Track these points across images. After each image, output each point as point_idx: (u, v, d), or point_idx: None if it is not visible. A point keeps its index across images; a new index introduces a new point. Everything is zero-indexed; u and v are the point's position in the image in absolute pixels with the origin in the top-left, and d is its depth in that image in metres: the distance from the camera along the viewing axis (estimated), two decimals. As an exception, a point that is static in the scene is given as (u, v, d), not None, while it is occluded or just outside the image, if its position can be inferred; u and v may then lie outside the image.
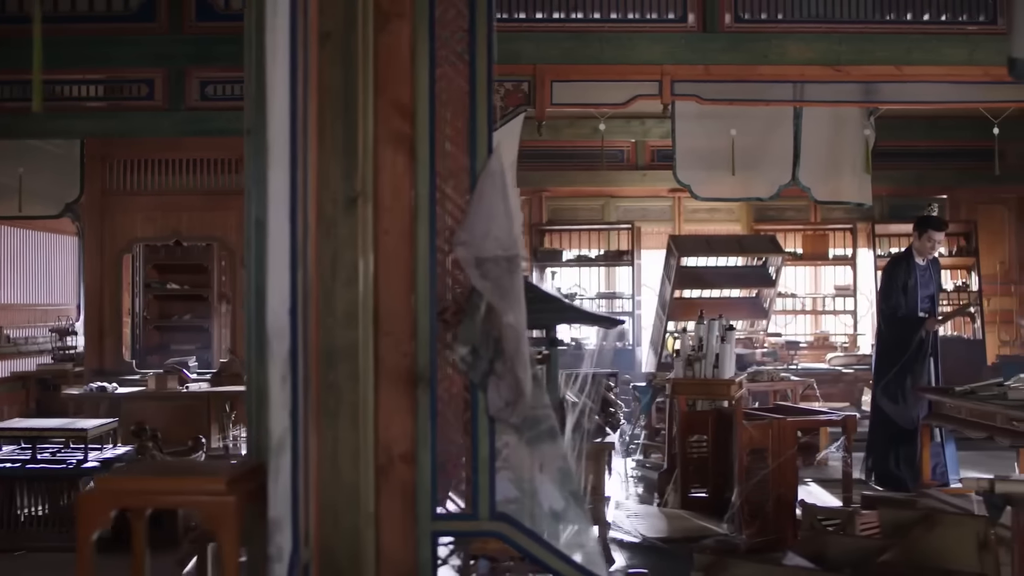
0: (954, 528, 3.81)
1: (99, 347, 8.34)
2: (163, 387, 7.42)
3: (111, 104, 8.07)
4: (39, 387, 9.64)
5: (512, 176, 8.75)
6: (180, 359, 8.31)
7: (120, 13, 7.67)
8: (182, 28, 7.38)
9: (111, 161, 8.48)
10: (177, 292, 9.39)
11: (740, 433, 5.26)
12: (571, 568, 2.99)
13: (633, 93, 8.32)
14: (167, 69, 7.63)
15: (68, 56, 7.51)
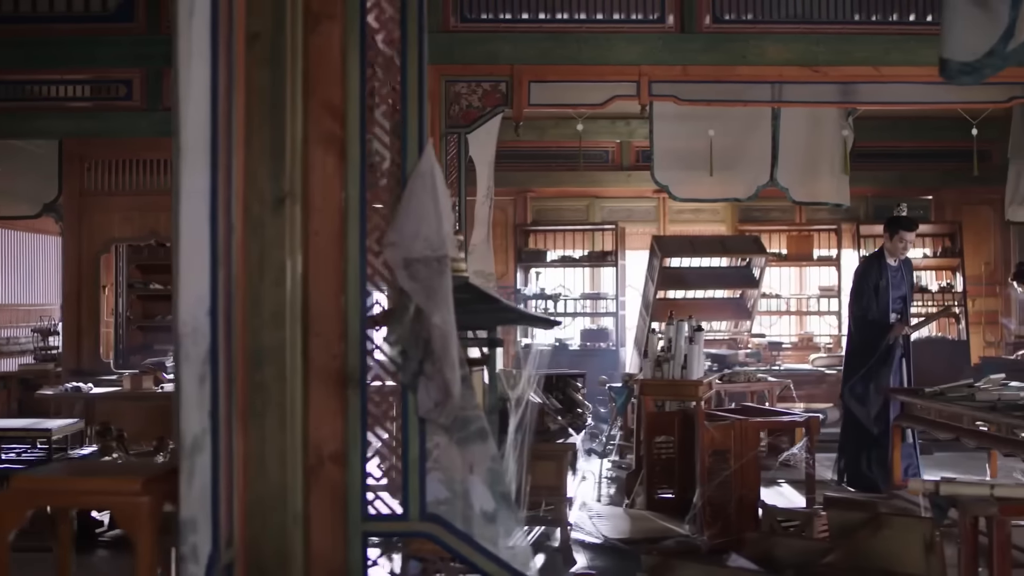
0: (901, 530, 3.81)
1: (77, 347, 8.35)
2: (138, 387, 7.42)
3: (90, 104, 8.10)
4: (21, 387, 9.66)
5: (491, 176, 8.79)
6: (159, 359, 8.31)
7: (98, 13, 7.68)
8: (160, 28, 7.39)
9: (89, 161, 8.49)
10: (160, 292, 9.39)
11: (702, 434, 5.26)
12: (501, 569, 2.99)
13: (611, 94, 8.32)
14: (145, 69, 7.66)
15: (46, 56, 7.53)
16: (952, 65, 3.95)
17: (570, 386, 6.29)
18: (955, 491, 3.65)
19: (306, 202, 3.00)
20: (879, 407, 6.81)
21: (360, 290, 3.01)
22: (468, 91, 8.23)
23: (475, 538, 3.01)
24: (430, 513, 3.01)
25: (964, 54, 3.90)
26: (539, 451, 5.21)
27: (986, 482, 3.73)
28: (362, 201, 3.02)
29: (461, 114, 8.21)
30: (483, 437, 3.00)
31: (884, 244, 7.16)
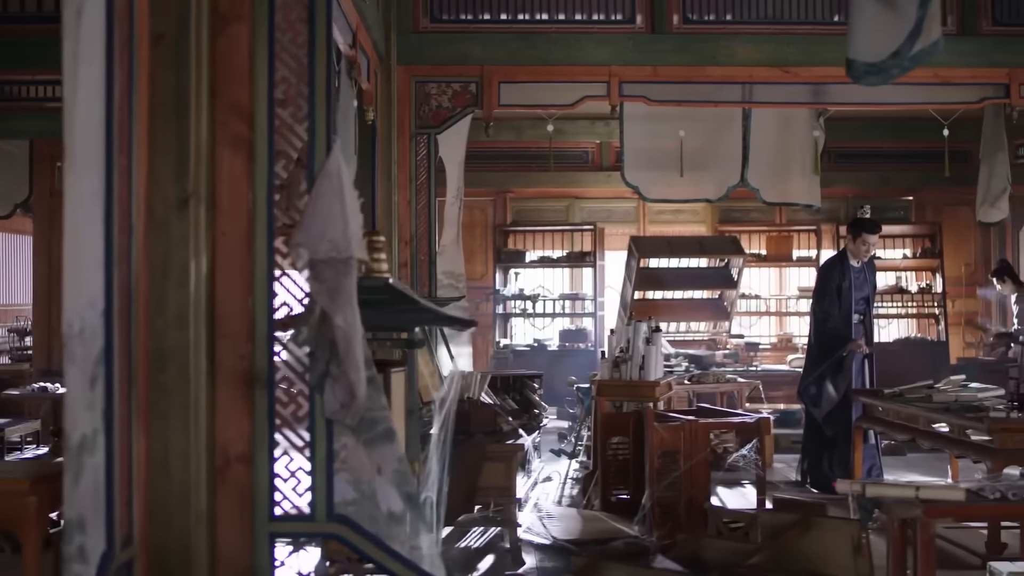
0: (830, 532, 3.81)
1: (47, 347, 8.37)
2: (105, 387, 7.41)
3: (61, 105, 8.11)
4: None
5: (461, 177, 8.80)
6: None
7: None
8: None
9: (60, 160, 8.49)
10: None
11: (651, 435, 5.25)
12: (407, 569, 2.99)
13: (581, 94, 8.32)
14: (115, 69, 7.64)
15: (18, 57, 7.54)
16: (858, 66, 3.94)
17: (527, 387, 6.30)
18: (880, 493, 3.64)
19: (214, 203, 3.01)
20: (831, 409, 6.79)
21: (268, 291, 3.02)
22: (438, 92, 8.24)
23: (382, 539, 3.01)
24: (338, 514, 3.01)
25: (870, 55, 3.90)
26: (489, 452, 5.23)
27: (912, 484, 3.71)
28: (269, 202, 3.02)
29: (431, 115, 8.23)
30: (390, 438, 3.00)
31: (847, 245, 7.13)
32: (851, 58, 4.03)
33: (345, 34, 6.51)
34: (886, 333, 11.77)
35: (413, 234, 8.12)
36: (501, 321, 11.42)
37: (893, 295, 11.52)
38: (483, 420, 5.39)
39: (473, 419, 5.36)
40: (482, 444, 5.18)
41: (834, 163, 11.88)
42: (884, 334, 11.76)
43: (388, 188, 8.02)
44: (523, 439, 5.37)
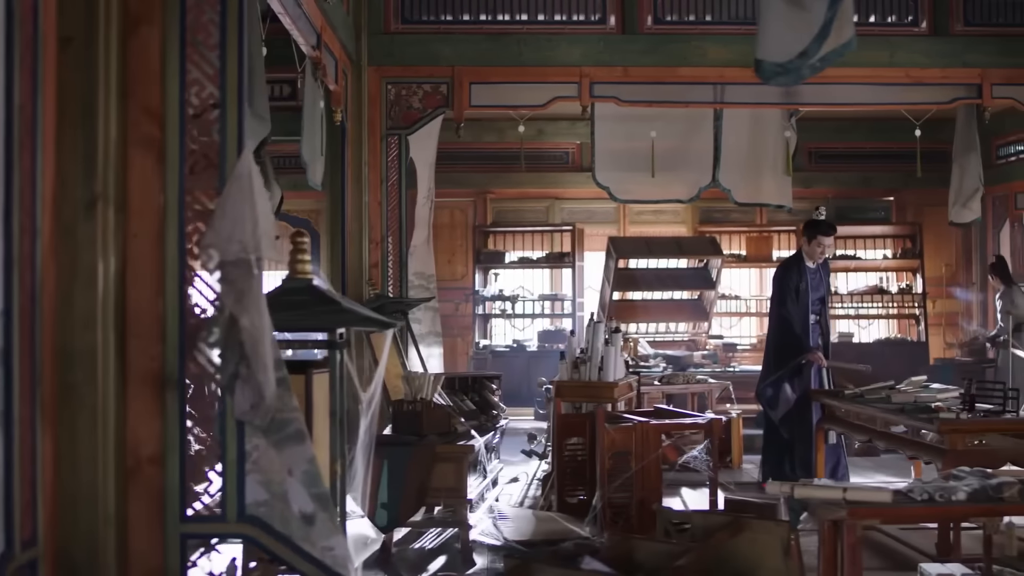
0: (760, 533, 3.80)
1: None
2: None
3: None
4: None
5: (431, 178, 8.79)
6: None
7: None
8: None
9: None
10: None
11: (602, 436, 5.25)
12: (317, 570, 3.00)
13: (552, 95, 8.33)
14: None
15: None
16: (766, 66, 3.93)
17: (486, 388, 6.30)
18: (808, 494, 3.64)
19: (125, 204, 3.02)
20: (787, 411, 6.77)
21: (179, 292, 3.02)
22: (409, 93, 8.26)
23: (294, 540, 3.02)
24: (249, 515, 3.02)
25: (778, 55, 3.89)
26: (439, 453, 5.23)
27: (839, 485, 3.71)
28: (181, 204, 3.03)
29: (402, 115, 8.24)
30: (300, 439, 3.00)
31: (803, 247, 7.09)
32: (759, 58, 4.02)
33: (308, 36, 6.53)
34: (866, 334, 11.76)
35: (384, 235, 8.13)
36: (481, 322, 11.42)
37: (873, 295, 11.50)
38: (436, 421, 5.39)
39: (425, 420, 5.35)
40: (432, 445, 5.18)
41: (815, 164, 11.88)
42: (864, 335, 11.76)
43: (359, 189, 8.03)
44: (475, 440, 5.37)
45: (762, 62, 3.99)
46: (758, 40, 4.08)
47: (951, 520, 4.34)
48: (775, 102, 8.53)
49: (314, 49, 6.63)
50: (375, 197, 8.10)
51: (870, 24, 8.47)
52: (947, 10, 8.42)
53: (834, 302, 11.57)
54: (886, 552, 5.37)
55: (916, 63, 8.38)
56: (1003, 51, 8.35)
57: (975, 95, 8.42)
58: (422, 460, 5.17)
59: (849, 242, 11.68)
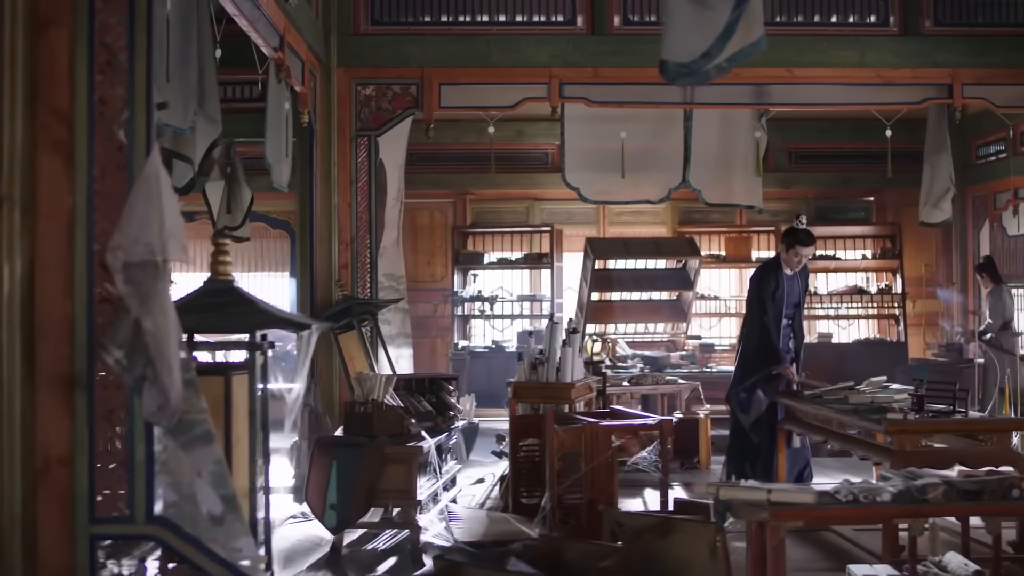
0: (689, 535, 3.80)
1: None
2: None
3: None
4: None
5: (401, 179, 8.78)
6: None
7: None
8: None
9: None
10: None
11: (551, 437, 5.25)
12: (225, 570, 3.00)
13: (521, 96, 8.33)
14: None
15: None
16: (670, 67, 3.92)
17: (443, 389, 6.30)
18: (732, 495, 3.63)
19: (33, 206, 3.03)
20: (759, 415, 6.76)
21: (88, 294, 3.03)
22: (378, 94, 8.26)
23: (202, 540, 3.02)
24: (157, 516, 3.03)
25: (681, 55, 3.88)
26: (388, 454, 5.23)
27: (764, 487, 3.70)
28: (90, 206, 3.04)
29: (371, 117, 8.25)
30: (208, 440, 3.01)
31: (780, 254, 7.05)
32: (663, 59, 4.02)
33: (270, 38, 6.54)
34: (846, 334, 11.74)
35: (354, 236, 8.14)
36: (460, 323, 11.42)
37: (853, 296, 11.48)
38: (387, 423, 5.39)
39: (376, 422, 5.35)
40: (381, 446, 5.18)
41: (795, 164, 11.86)
42: (844, 335, 11.74)
43: (328, 190, 8.04)
44: (426, 442, 5.36)
45: (666, 62, 3.99)
46: (663, 40, 4.07)
47: (877, 521, 4.33)
48: (745, 103, 8.54)
49: (276, 51, 6.64)
50: (345, 198, 8.11)
51: (840, 24, 8.47)
52: (917, 10, 8.41)
53: (814, 302, 11.56)
54: (840, 554, 5.37)
55: (886, 63, 8.38)
56: (973, 51, 8.34)
57: (946, 95, 8.40)
58: (371, 461, 5.17)
59: (829, 242, 11.66)
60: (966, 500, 3.65)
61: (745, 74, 8.37)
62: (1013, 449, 5.15)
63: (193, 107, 5.13)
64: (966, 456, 5.13)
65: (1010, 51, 8.34)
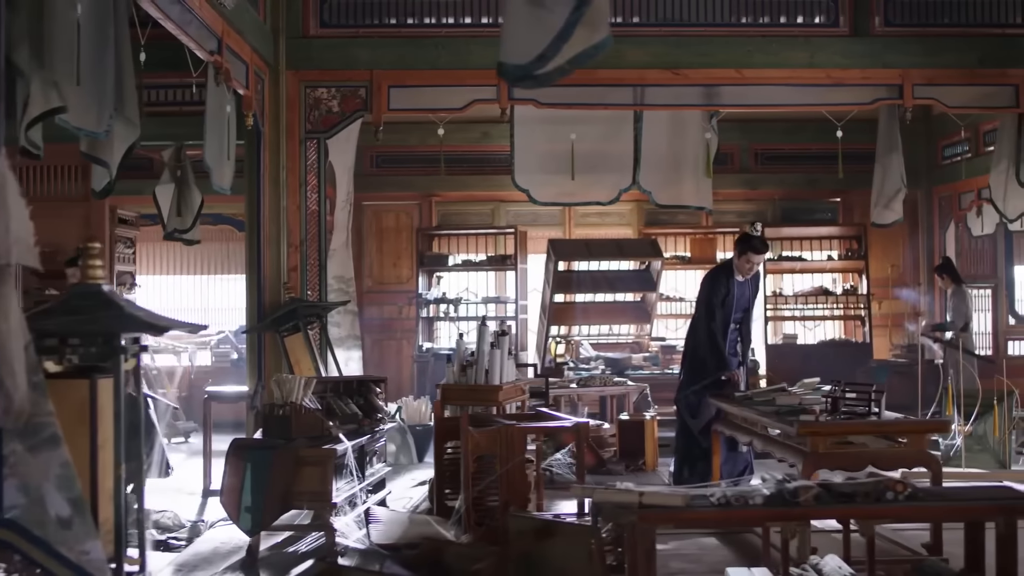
0: (568, 537, 3.80)
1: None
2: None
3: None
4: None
5: (350, 181, 8.80)
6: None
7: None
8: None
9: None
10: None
11: (466, 440, 5.25)
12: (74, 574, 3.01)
13: (471, 98, 8.33)
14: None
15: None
16: (507, 69, 3.92)
17: (370, 391, 6.31)
18: (605, 498, 3.64)
19: None
20: (708, 421, 6.75)
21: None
22: (328, 96, 8.28)
23: (51, 544, 3.03)
24: (7, 519, 3.03)
25: (518, 57, 3.87)
26: (303, 456, 5.24)
27: (637, 489, 3.69)
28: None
29: (321, 119, 8.26)
30: (55, 444, 3.02)
31: (733, 259, 7.02)
32: (500, 61, 4.01)
33: (206, 41, 6.55)
34: (812, 335, 11.72)
35: (303, 238, 8.15)
36: (425, 325, 11.43)
37: (818, 297, 11.46)
38: (306, 425, 5.40)
39: (295, 424, 5.37)
40: (295, 449, 5.19)
41: (761, 165, 11.85)
42: (810, 336, 11.72)
43: (277, 193, 8.06)
44: (342, 444, 5.37)
45: (503, 64, 3.98)
46: (501, 42, 4.06)
47: (748, 525, 4.32)
48: (695, 104, 8.53)
49: (211, 54, 6.65)
50: (294, 201, 8.12)
51: (790, 25, 8.45)
52: (867, 11, 8.39)
53: (779, 303, 11.55)
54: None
55: (836, 64, 8.36)
56: (923, 51, 8.32)
57: (896, 95, 8.38)
58: (284, 464, 5.18)
59: (795, 243, 11.65)
60: (840, 503, 3.64)
61: (695, 75, 8.38)
62: (927, 451, 5.13)
63: (109, 111, 5.13)
64: (879, 458, 5.13)
65: (960, 52, 8.33)
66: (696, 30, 8.35)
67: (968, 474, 7.30)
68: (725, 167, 11.77)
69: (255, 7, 7.76)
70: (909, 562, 4.03)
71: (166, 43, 6.23)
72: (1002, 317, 11.44)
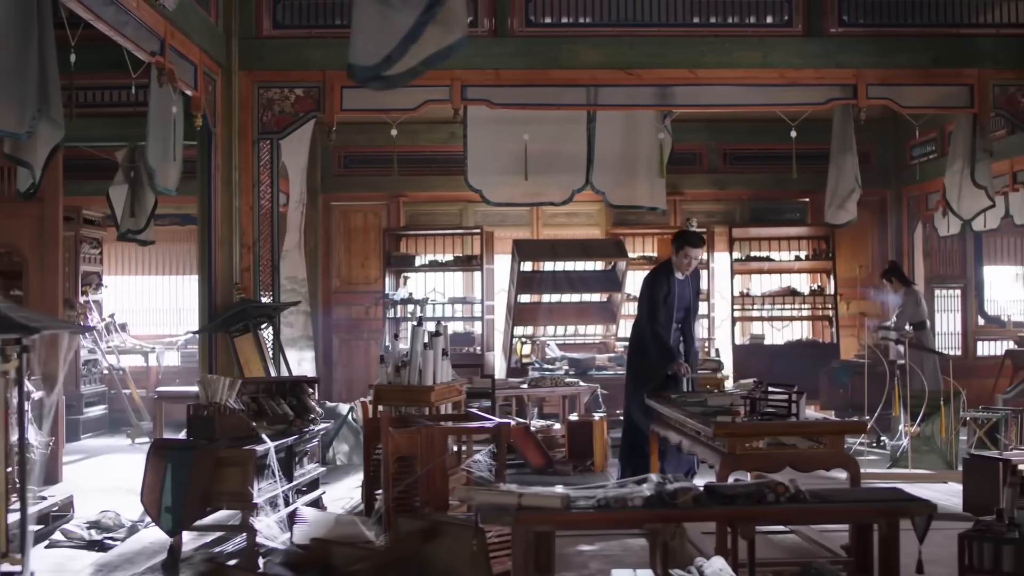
0: (453, 538, 3.80)
1: None
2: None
3: None
4: None
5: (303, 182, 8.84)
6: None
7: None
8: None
9: None
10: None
11: (386, 440, 5.25)
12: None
13: (424, 98, 8.32)
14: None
15: None
16: (356, 70, 3.92)
17: (303, 392, 6.32)
18: (486, 499, 3.63)
19: None
20: None
21: None
22: (281, 97, 8.28)
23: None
24: None
25: (366, 58, 3.86)
26: (222, 457, 5.25)
27: (517, 491, 3.69)
28: None
29: (274, 120, 8.27)
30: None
31: (671, 256, 7.02)
32: (350, 62, 4.00)
33: (147, 42, 6.56)
34: (780, 335, 11.70)
35: (256, 239, 8.16)
36: (392, 325, 11.41)
37: (785, 297, 11.44)
38: (230, 426, 5.41)
39: (218, 424, 5.38)
40: (214, 449, 5.20)
41: (729, 165, 11.83)
42: (778, 336, 11.70)
43: (229, 193, 8.07)
44: (264, 444, 5.37)
45: (353, 66, 3.97)
46: (350, 43, 4.05)
47: (626, 526, 4.31)
48: (648, 104, 8.52)
49: (152, 56, 6.66)
50: (247, 201, 8.13)
51: (744, 25, 8.44)
52: (821, 11, 8.36)
53: (747, 304, 11.53)
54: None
55: (790, 64, 8.34)
56: (877, 51, 8.29)
57: (850, 95, 8.36)
58: (204, 464, 5.19)
59: (764, 244, 11.63)
60: (720, 505, 3.63)
61: (648, 76, 8.37)
62: (845, 451, 5.12)
63: (31, 112, 5.14)
64: (796, 459, 5.12)
65: (915, 51, 8.30)
66: (649, 30, 8.34)
67: (914, 475, 7.29)
68: (693, 167, 11.79)
69: (206, 8, 7.77)
70: (798, 564, 4.01)
71: (116, 44, 6.25)
72: (971, 317, 11.43)
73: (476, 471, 5.25)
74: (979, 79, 8.27)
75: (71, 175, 9.75)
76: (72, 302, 10.19)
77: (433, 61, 3.91)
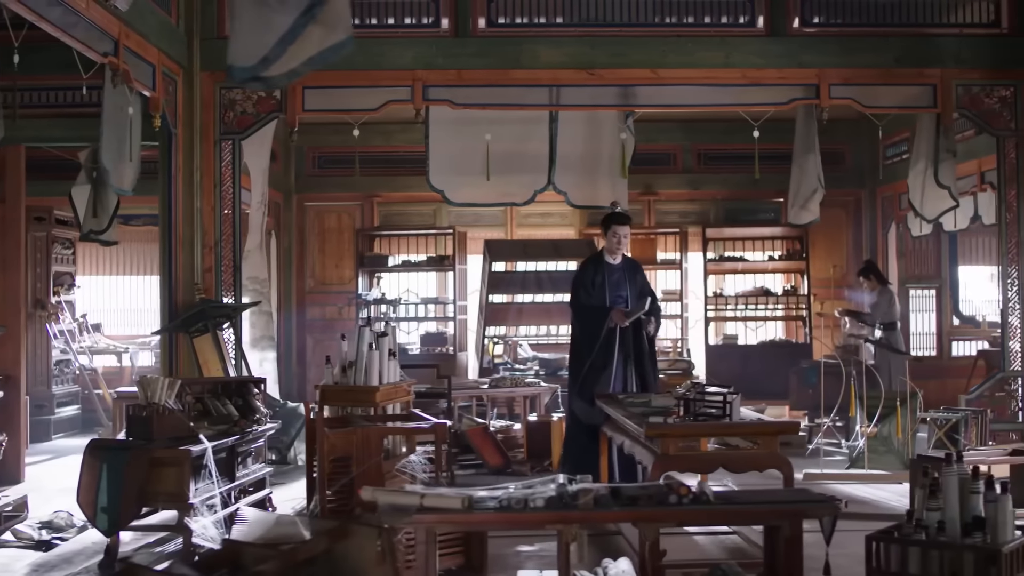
0: (362, 539, 3.80)
1: None
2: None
3: None
4: None
5: (265, 183, 8.83)
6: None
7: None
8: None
9: None
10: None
11: (321, 441, 5.26)
12: None
13: (385, 99, 8.35)
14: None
15: None
16: (235, 71, 3.92)
17: (249, 392, 6.33)
18: (388, 500, 3.63)
19: None
20: None
21: None
22: (243, 98, 8.27)
23: None
24: None
25: (244, 59, 3.86)
26: (158, 457, 5.26)
27: (420, 491, 3.69)
28: None
29: (235, 120, 8.27)
30: None
31: (604, 243, 7.10)
32: (229, 63, 4.00)
33: (99, 43, 6.56)
34: (754, 335, 11.68)
35: (217, 239, 8.17)
36: (365, 325, 11.44)
37: (759, 297, 11.42)
38: (169, 426, 5.41)
39: (156, 425, 5.38)
40: (149, 449, 5.21)
41: (703, 165, 11.82)
42: (752, 336, 11.68)
43: (190, 194, 8.08)
44: (201, 444, 5.38)
45: (232, 67, 3.97)
46: (229, 44, 4.05)
47: (526, 527, 4.31)
48: (610, 104, 8.52)
49: (105, 56, 6.66)
50: (208, 202, 8.14)
51: (706, 25, 8.43)
52: (784, 11, 8.35)
53: (720, 304, 11.51)
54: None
55: (753, 64, 8.33)
56: (840, 51, 8.29)
57: (813, 95, 8.35)
58: (139, 464, 5.20)
59: (737, 244, 11.61)
60: (623, 506, 3.63)
61: (610, 76, 8.37)
62: (777, 453, 5.10)
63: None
64: (729, 460, 5.12)
65: (877, 51, 8.29)
66: (611, 30, 8.34)
67: (869, 476, 7.28)
68: (668, 167, 11.79)
69: (166, 9, 7.77)
70: (707, 565, 4.00)
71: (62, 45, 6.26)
72: (946, 318, 11.39)
73: (410, 472, 5.24)
74: (942, 79, 8.26)
75: (43, 176, 9.81)
76: (44, 302, 10.23)
77: (317, 61, 3.91)
